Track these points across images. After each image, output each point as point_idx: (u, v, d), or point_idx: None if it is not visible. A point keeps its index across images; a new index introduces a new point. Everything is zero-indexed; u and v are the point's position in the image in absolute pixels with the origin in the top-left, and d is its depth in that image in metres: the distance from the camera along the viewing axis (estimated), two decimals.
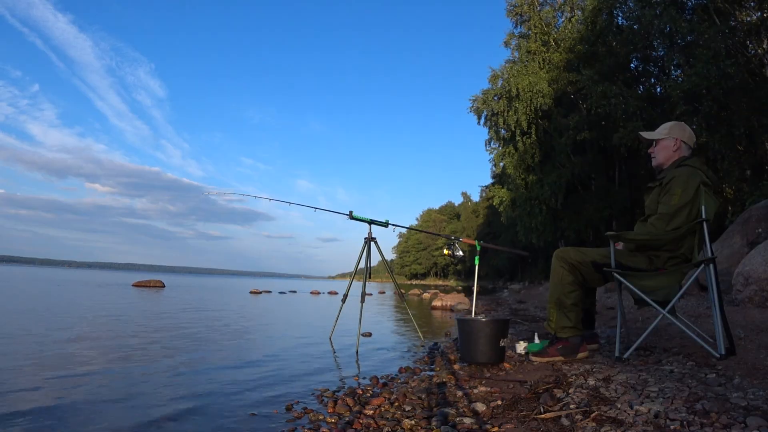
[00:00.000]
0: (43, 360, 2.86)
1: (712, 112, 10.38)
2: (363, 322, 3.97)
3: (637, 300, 2.40)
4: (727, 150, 10.60)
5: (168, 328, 4.64)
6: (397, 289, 4.66)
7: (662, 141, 2.57)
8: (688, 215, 2.34)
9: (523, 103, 18.68)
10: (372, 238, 4.05)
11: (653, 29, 12.14)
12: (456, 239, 3.97)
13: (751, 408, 1.39)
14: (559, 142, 18.28)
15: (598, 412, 1.52)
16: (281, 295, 14.44)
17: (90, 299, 8.58)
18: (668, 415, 1.40)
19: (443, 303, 9.33)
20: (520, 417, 1.64)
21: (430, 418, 1.78)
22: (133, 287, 14.54)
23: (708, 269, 2.23)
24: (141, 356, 3.10)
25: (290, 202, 4.59)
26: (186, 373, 2.65)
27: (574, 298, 2.51)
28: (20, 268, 74.17)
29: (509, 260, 45.43)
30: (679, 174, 2.38)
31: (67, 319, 5.08)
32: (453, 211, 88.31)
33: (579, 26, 18.38)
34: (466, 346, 2.71)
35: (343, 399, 2.10)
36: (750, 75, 10.54)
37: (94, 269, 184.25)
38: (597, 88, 13.80)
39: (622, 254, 2.48)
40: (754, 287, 3.30)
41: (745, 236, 4.60)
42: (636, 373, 2.00)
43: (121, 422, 1.76)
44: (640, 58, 15.88)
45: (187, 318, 5.82)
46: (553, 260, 2.59)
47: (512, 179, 20.54)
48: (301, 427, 1.75)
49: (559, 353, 2.53)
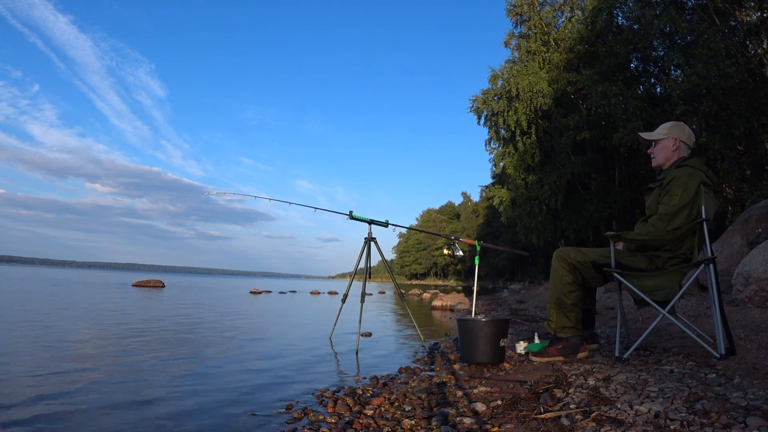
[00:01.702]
0: (42, 360, 2.85)
1: (711, 112, 10.37)
2: (363, 322, 3.97)
3: (637, 300, 2.40)
4: (727, 150, 10.59)
5: (168, 328, 4.64)
6: (397, 289, 4.66)
7: (661, 141, 2.57)
8: (688, 215, 2.34)
9: (523, 103, 18.68)
10: (372, 238, 4.05)
11: (653, 29, 12.13)
12: (456, 239, 3.97)
13: (751, 408, 1.39)
14: (559, 142, 18.28)
15: (598, 412, 1.52)
16: (281, 295, 14.44)
17: (90, 299, 8.58)
18: (668, 415, 1.40)
19: (443, 303, 9.33)
20: (520, 417, 1.64)
21: (430, 418, 1.78)
22: (133, 287, 14.54)
23: (708, 269, 2.23)
24: (140, 356, 3.10)
25: (290, 202, 4.60)
26: (186, 373, 2.65)
27: (574, 298, 2.51)
28: (20, 268, 74.17)
29: (509, 260, 45.43)
30: (680, 174, 2.38)
31: (67, 319, 5.08)
32: (453, 211, 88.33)
33: (579, 26, 18.38)
34: (466, 346, 2.71)
35: (343, 399, 2.10)
36: (750, 75, 10.52)
37: (94, 269, 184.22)
38: (597, 88, 13.79)
39: (622, 254, 2.48)
40: (754, 287, 3.30)
41: (745, 236, 4.60)
42: (636, 373, 2.00)
43: (120, 422, 1.76)
44: (640, 58, 15.86)
45: (187, 318, 5.82)
46: (553, 260, 2.59)
47: (512, 179, 20.55)
48: (301, 427, 1.75)
49: (559, 353, 2.53)
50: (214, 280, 36.92)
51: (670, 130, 2.56)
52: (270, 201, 7.28)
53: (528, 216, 19.68)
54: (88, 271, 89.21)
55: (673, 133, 2.54)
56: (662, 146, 2.57)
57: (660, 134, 2.58)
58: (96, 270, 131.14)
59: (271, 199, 4.68)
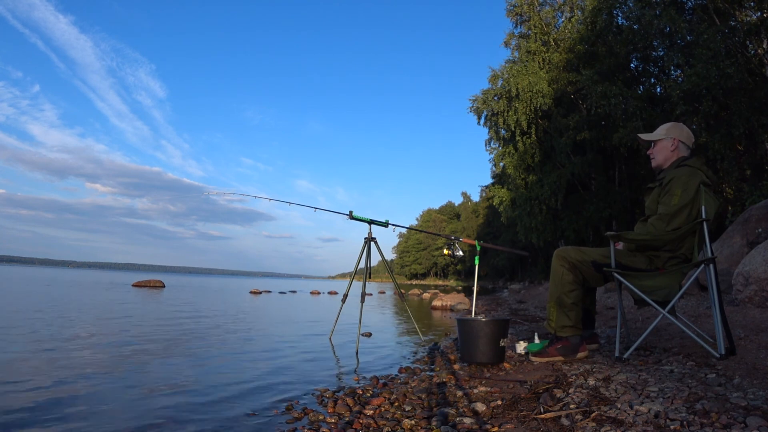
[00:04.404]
0: (42, 360, 2.85)
1: (711, 112, 10.37)
2: (363, 322, 3.98)
3: (637, 300, 2.41)
4: (727, 150, 10.59)
5: (167, 328, 4.63)
6: (397, 289, 4.66)
7: (660, 142, 2.58)
8: (688, 215, 2.34)
9: (523, 103, 18.68)
10: (372, 238, 4.05)
11: (653, 29, 12.12)
12: (456, 239, 3.97)
13: (751, 408, 1.39)
14: (559, 142, 18.28)
15: (598, 412, 1.52)
16: (281, 295, 14.44)
17: (89, 299, 8.57)
18: (668, 415, 1.40)
19: (443, 303, 9.33)
20: (520, 417, 1.64)
21: (430, 418, 1.78)
22: (133, 287, 14.53)
23: (708, 269, 2.23)
24: (140, 356, 3.10)
25: (290, 202, 4.60)
26: (185, 373, 2.65)
27: (574, 298, 2.51)
28: (20, 268, 74.15)
29: (509, 260, 45.44)
30: (679, 174, 2.38)
31: (67, 319, 5.08)
32: (453, 211, 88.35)
33: (579, 26, 18.38)
34: (466, 346, 2.71)
35: (343, 399, 2.10)
36: (750, 75, 10.52)
37: (94, 269, 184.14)
38: (597, 88, 13.79)
39: (622, 254, 2.48)
40: (754, 287, 3.30)
41: (745, 236, 4.60)
42: (636, 373, 2.00)
43: (120, 423, 1.76)
44: (640, 58, 15.86)
45: (187, 318, 5.81)
46: (554, 259, 2.59)
47: (512, 179, 20.55)
48: (301, 427, 1.75)
49: (558, 353, 2.53)
50: (214, 280, 36.92)
51: (668, 130, 2.56)
52: (270, 201, 7.29)
53: (528, 216, 19.69)
54: (88, 271, 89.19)
55: (671, 133, 2.55)
56: (661, 147, 2.57)
57: (658, 135, 2.58)
58: (96, 270, 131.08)
59: (271, 199, 4.69)
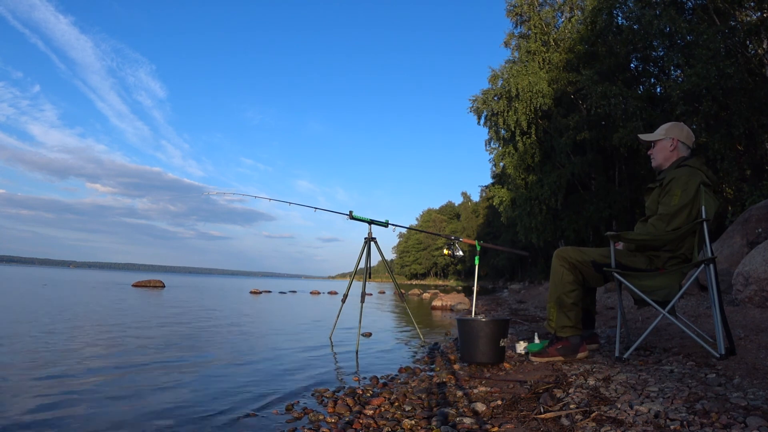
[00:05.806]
0: (42, 360, 2.85)
1: (711, 113, 10.37)
2: (363, 322, 3.98)
3: (637, 300, 2.41)
4: (727, 150, 10.59)
5: (167, 328, 4.63)
6: (397, 289, 4.66)
7: (660, 142, 2.58)
8: (688, 215, 2.34)
9: (523, 103, 18.69)
10: (372, 238, 4.05)
11: (653, 29, 12.13)
12: (456, 239, 3.97)
13: (751, 408, 1.39)
14: (559, 142, 18.29)
15: (598, 412, 1.52)
16: (281, 295, 14.44)
17: (89, 299, 8.57)
18: (668, 415, 1.40)
19: (443, 303, 9.33)
20: (520, 417, 1.64)
21: (430, 418, 1.78)
22: (133, 287, 14.53)
23: (708, 269, 2.23)
24: (140, 356, 3.10)
25: (290, 202, 4.60)
26: (185, 373, 2.65)
27: (574, 298, 2.51)
28: (20, 268, 74.16)
29: (509, 260, 45.44)
30: (679, 174, 2.38)
31: (66, 320, 5.08)
32: (453, 211, 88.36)
33: (579, 26, 18.38)
34: (466, 346, 2.71)
35: (343, 399, 2.10)
36: (750, 75, 10.53)
37: (95, 269, 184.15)
38: (597, 88, 13.79)
39: (622, 254, 2.48)
40: (754, 287, 3.30)
41: (745, 236, 4.60)
42: (636, 373, 2.00)
43: (120, 423, 1.76)
44: (640, 58, 15.87)
45: (187, 318, 5.81)
46: (554, 259, 2.59)
47: (512, 179, 20.56)
48: (301, 427, 1.75)
49: (558, 353, 2.53)
50: (214, 280, 36.92)
51: (668, 130, 2.57)
52: (270, 201, 7.29)
53: (528, 216, 19.69)
54: (88, 271, 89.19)
55: (671, 133, 2.55)
56: (660, 147, 2.57)
57: (658, 135, 2.58)
58: (96, 270, 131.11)
59: (271, 199, 4.69)
